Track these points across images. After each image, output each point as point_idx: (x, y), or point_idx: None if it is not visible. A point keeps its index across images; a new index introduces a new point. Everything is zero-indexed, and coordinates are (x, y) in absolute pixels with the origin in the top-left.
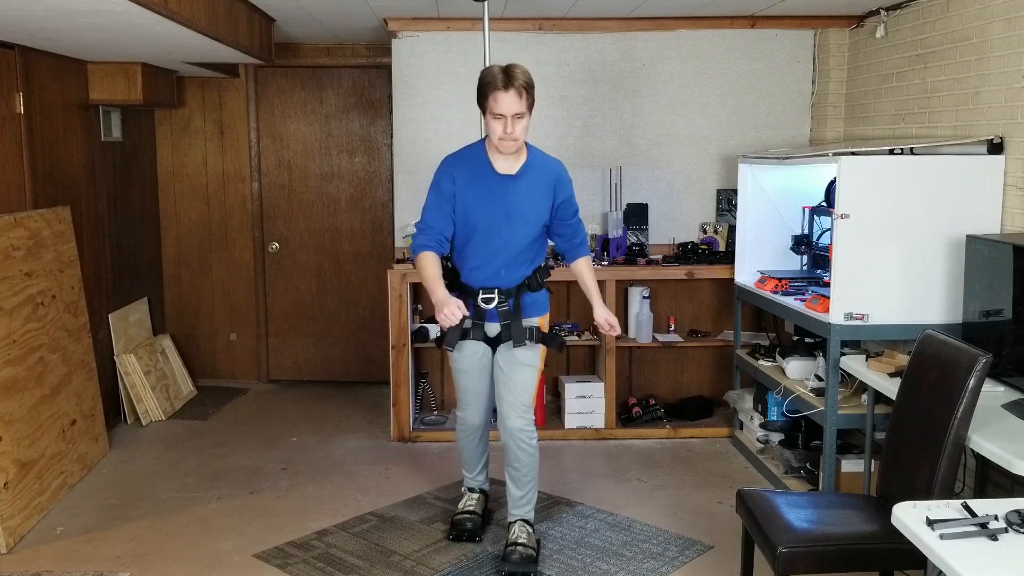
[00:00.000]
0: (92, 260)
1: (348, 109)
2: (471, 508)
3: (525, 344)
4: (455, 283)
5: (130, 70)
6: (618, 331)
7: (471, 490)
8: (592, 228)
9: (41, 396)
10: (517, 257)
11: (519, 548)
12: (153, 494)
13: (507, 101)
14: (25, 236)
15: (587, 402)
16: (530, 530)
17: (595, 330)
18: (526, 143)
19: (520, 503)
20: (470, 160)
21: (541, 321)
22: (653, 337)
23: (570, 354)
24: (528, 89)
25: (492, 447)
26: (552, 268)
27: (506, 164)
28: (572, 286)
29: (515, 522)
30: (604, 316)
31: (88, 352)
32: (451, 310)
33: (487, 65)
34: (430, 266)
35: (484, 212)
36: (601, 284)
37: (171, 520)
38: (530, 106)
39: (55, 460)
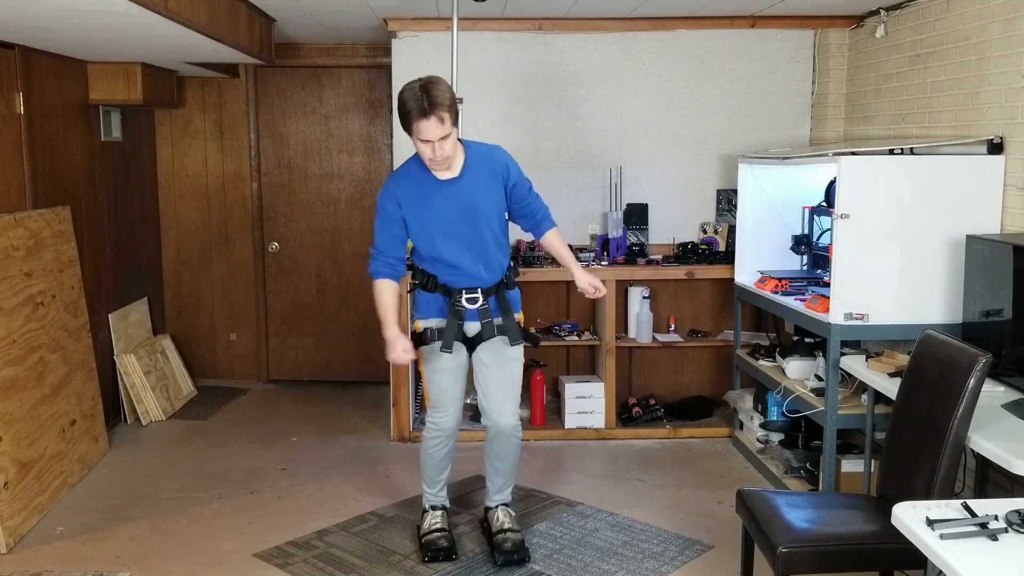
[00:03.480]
0: (92, 260)
1: (348, 109)
2: (438, 525)
3: (520, 341)
4: (432, 284)
5: (130, 70)
6: (603, 292)
7: (434, 508)
8: (592, 228)
9: (41, 396)
10: (491, 254)
11: (509, 535)
12: (153, 494)
13: (430, 128)
14: (25, 236)
15: (587, 402)
16: (511, 512)
17: (595, 330)
18: (460, 140)
19: (503, 488)
20: (411, 175)
21: (520, 318)
22: (653, 337)
23: (570, 354)
24: (451, 108)
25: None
26: (519, 268)
27: (446, 169)
28: (571, 286)
29: (497, 507)
30: (587, 280)
31: (88, 352)
32: (397, 355)
33: (411, 82)
34: (384, 295)
35: (438, 221)
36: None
37: (171, 520)
38: (455, 121)
39: (55, 460)
